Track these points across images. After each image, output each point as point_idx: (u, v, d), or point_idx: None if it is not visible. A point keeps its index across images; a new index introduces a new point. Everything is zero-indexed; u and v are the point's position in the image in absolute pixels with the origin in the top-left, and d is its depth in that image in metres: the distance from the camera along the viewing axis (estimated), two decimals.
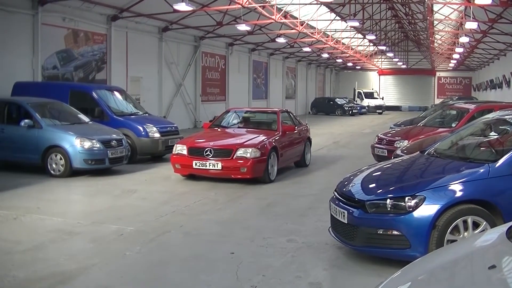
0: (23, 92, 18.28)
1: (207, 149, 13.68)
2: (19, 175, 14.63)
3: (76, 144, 14.55)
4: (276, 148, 14.45)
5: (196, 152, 13.81)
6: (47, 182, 13.84)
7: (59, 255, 7.77)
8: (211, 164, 13.50)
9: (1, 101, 16.41)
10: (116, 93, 19.84)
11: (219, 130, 15.94)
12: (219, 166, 13.45)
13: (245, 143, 13.90)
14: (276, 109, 17.02)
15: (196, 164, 13.64)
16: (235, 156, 13.46)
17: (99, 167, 14.99)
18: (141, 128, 17.52)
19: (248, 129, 15.77)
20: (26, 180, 13.89)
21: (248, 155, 13.46)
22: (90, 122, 16.44)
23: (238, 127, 16.15)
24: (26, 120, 14.92)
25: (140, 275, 7.12)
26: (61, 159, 14.55)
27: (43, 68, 22.27)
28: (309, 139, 17.66)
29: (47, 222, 9.75)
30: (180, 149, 14.13)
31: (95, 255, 7.83)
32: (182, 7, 23.39)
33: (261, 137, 14.50)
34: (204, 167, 13.62)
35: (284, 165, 15.46)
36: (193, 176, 14.26)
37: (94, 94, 18.29)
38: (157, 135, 17.58)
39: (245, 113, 17.43)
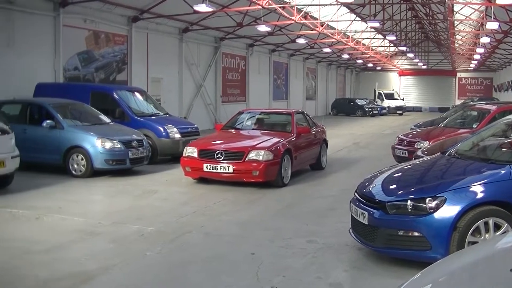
0: (45, 93, 18.44)
1: (218, 151, 13.27)
2: (41, 175, 14.74)
3: (97, 145, 14.63)
4: (290, 150, 14.02)
5: (207, 154, 13.40)
6: (68, 183, 13.94)
7: (80, 255, 7.82)
8: (222, 167, 13.08)
9: (24, 102, 16.57)
10: (136, 94, 19.94)
11: (231, 132, 15.57)
12: (231, 169, 13.02)
13: (257, 146, 13.46)
14: (291, 110, 16.46)
15: (206, 167, 13.24)
16: (247, 159, 13.04)
17: (120, 167, 15.07)
18: (161, 129, 17.58)
19: (262, 131, 15.39)
20: (47, 181, 13.99)
21: (261, 157, 13.01)
22: (111, 123, 16.53)
23: (252, 129, 15.71)
24: (48, 121, 15.04)
25: (161, 276, 7.14)
26: (82, 159, 14.64)
27: (65, 69, 22.41)
28: (325, 141, 17.21)
29: (69, 222, 9.81)
30: (191, 151, 13.71)
31: (116, 255, 7.87)
32: (202, 8, 23.46)
33: (274, 139, 14.10)
34: (215, 170, 13.18)
35: (298, 168, 15.10)
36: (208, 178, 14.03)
37: (115, 95, 18.39)
38: (177, 135, 17.61)
39: (258, 114, 16.85)
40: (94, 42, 24.28)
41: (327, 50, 47.17)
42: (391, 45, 53.50)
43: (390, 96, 63.68)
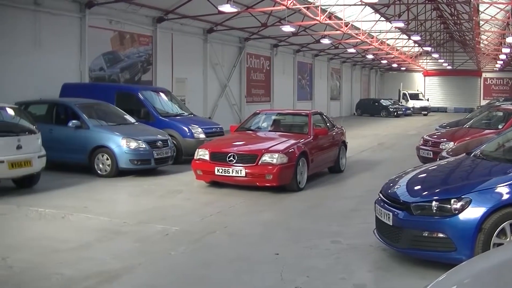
0: (70, 93, 18.60)
1: (230, 154, 12.73)
2: (67, 174, 14.87)
3: (122, 145, 14.71)
4: (306, 153, 13.43)
5: (219, 157, 12.87)
6: (93, 182, 14.03)
7: (105, 254, 7.88)
8: (235, 171, 12.54)
9: (50, 102, 16.73)
10: (161, 94, 20.03)
11: (246, 133, 15.08)
12: (243, 173, 12.49)
13: (271, 148, 12.87)
14: (308, 111, 15.87)
15: (218, 170, 12.70)
16: (260, 162, 12.47)
17: (145, 167, 15.14)
18: (186, 129, 17.63)
19: (277, 133, 14.75)
20: (73, 180, 14.10)
21: (274, 161, 12.43)
22: (136, 123, 16.62)
23: (267, 131, 15.15)
24: (73, 121, 15.15)
25: (185, 275, 7.17)
26: (107, 159, 14.73)
27: (90, 70, 22.59)
28: (344, 143, 16.59)
29: (94, 221, 9.88)
30: (202, 154, 13.19)
31: (140, 255, 7.91)
32: (226, 8, 23.54)
33: (290, 142, 13.49)
34: (227, 174, 12.66)
35: (315, 172, 14.46)
36: None
37: (140, 95, 18.49)
38: (202, 136, 17.62)
39: (274, 115, 16.30)
40: (119, 43, 24.45)
41: (352, 50, 47.03)
42: (416, 45, 53.19)
43: (415, 97, 63.31)
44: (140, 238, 8.83)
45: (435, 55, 57.77)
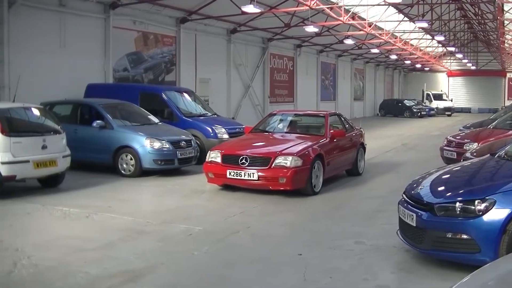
0: (95, 94, 18.73)
1: (242, 156, 12.31)
2: (91, 174, 14.98)
3: (146, 145, 14.78)
4: (322, 155, 12.95)
5: (231, 160, 12.47)
6: (117, 182, 14.12)
7: (129, 254, 7.93)
8: (247, 174, 12.09)
9: (75, 102, 16.90)
10: (185, 94, 20.09)
11: (260, 135, 14.62)
12: (255, 176, 12.02)
13: (284, 151, 12.43)
14: (325, 112, 15.43)
15: (230, 173, 12.28)
16: (273, 165, 12.02)
17: (168, 167, 15.20)
18: (209, 129, 17.66)
19: (292, 134, 14.34)
20: (97, 180, 14.20)
21: (288, 163, 11.97)
22: (160, 123, 16.68)
23: (282, 132, 14.70)
24: (98, 121, 15.26)
25: (207, 275, 7.20)
26: (131, 159, 14.81)
27: (114, 70, 22.73)
28: (362, 145, 16.10)
29: (118, 221, 9.95)
30: (214, 156, 12.77)
31: (164, 254, 7.96)
32: (250, 9, 23.55)
33: (305, 144, 13.04)
34: (239, 177, 12.21)
35: (331, 175, 13.99)
36: None
37: (164, 96, 18.56)
38: (225, 136, 17.62)
39: (290, 116, 15.84)
40: (143, 43, 24.57)
41: (375, 50, 46.91)
42: (440, 45, 52.91)
43: (438, 97, 62.89)
44: (164, 237, 8.88)
45: (459, 55, 57.40)
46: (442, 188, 7.68)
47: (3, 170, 11.48)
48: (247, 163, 12.19)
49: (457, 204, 7.00)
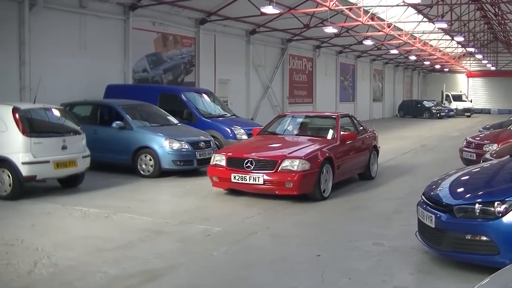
0: (114, 95, 18.83)
1: (247, 160, 11.88)
2: (110, 175, 15.06)
3: (165, 145, 14.83)
4: (331, 159, 12.46)
5: (236, 163, 12.03)
6: (137, 182, 14.18)
7: (148, 254, 7.97)
8: (252, 178, 11.66)
9: (94, 103, 17.00)
10: (204, 95, 20.15)
11: (267, 137, 14.15)
12: (261, 180, 11.59)
13: (291, 154, 11.99)
14: (335, 114, 14.79)
15: (235, 177, 11.84)
16: (279, 168, 11.56)
17: (187, 168, 15.24)
18: (228, 130, 17.69)
19: (301, 137, 13.87)
20: (117, 180, 14.28)
21: (295, 167, 11.52)
22: (179, 124, 16.73)
23: (291, 134, 14.27)
24: (117, 122, 15.34)
25: (226, 276, 7.22)
26: (150, 159, 14.87)
27: (134, 71, 22.82)
28: (375, 148, 15.60)
29: (137, 221, 10.00)
30: (219, 159, 12.36)
31: (183, 255, 7.99)
32: (269, 10, 23.57)
33: (314, 147, 12.66)
34: (243, 181, 11.79)
35: (342, 179, 13.48)
36: None
37: (183, 97, 18.63)
38: (244, 137, 17.59)
39: (299, 118, 15.31)
40: (162, 44, 24.65)
41: (394, 51, 46.80)
42: (459, 46, 52.63)
43: (458, 98, 62.55)
44: (182, 238, 8.91)
45: (479, 56, 57.01)
46: (461, 189, 7.64)
47: (24, 170, 11.58)
48: (252, 167, 11.78)
49: (477, 205, 6.96)
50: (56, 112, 13.18)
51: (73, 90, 19.31)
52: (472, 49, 50.92)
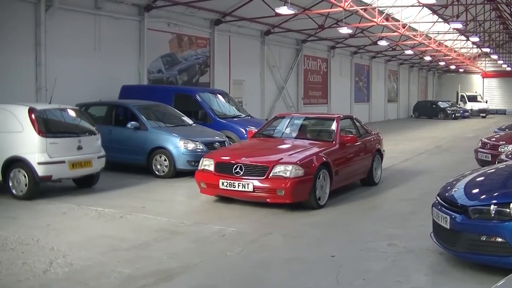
0: (129, 95, 18.90)
1: (237, 165, 11.13)
2: (125, 175, 15.11)
3: (180, 146, 14.86)
4: (328, 164, 11.63)
5: (224, 168, 11.28)
6: (151, 183, 14.22)
7: (162, 254, 7.99)
8: (241, 185, 10.89)
9: (109, 104, 17.04)
10: (219, 96, 20.18)
11: (262, 140, 13.49)
12: (250, 187, 10.81)
13: (284, 159, 11.19)
14: (335, 115, 13.86)
15: (223, 183, 11.08)
16: (271, 174, 10.78)
17: None
18: (243, 131, 17.67)
19: (298, 140, 13.02)
20: (132, 180, 14.33)
21: (288, 173, 10.74)
22: (194, 124, 16.77)
23: (287, 137, 13.45)
24: (132, 122, 15.39)
25: (241, 276, 7.23)
26: (165, 160, 14.90)
27: (149, 72, 22.91)
28: (379, 152, 14.71)
29: (152, 221, 10.03)
30: (207, 164, 11.64)
31: (197, 255, 8.00)
32: (283, 10, 23.58)
33: (309, 151, 11.80)
34: (232, 188, 11.02)
35: (341, 185, 12.60)
36: None
37: (198, 97, 18.67)
38: None
39: (297, 120, 14.46)
40: (177, 45, 24.72)
41: (409, 52, 46.64)
42: (474, 46, 52.38)
43: (473, 99, 62.29)
44: (197, 238, 8.93)
45: (494, 56, 56.67)
46: (476, 190, 7.61)
47: (40, 170, 11.65)
48: (242, 172, 11.01)
49: (492, 206, 6.93)
50: (72, 113, 13.25)
51: (88, 90, 19.43)
52: (487, 50, 50.69)
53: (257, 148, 12.66)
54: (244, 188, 10.90)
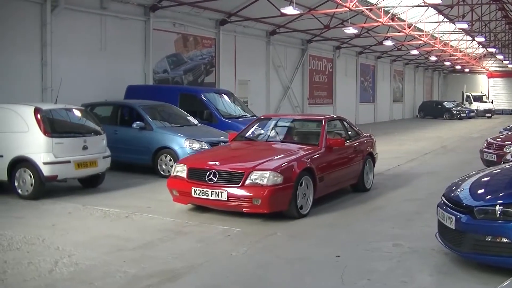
0: (135, 95, 18.94)
1: (210, 171, 10.23)
2: (131, 175, 15.14)
3: (185, 146, 14.85)
4: (312, 170, 10.73)
5: (197, 175, 10.39)
6: (157, 182, 14.20)
7: (168, 254, 8.00)
8: (214, 193, 9.99)
9: (115, 104, 17.07)
10: (224, 96, 20.18)
11: (243, 143, 12.57)
12: (224, 196, 9.91)
13: (261, 165, 10.25)
14: (322, 117, 12.86)
15: (195, 191, 10.19)
16: (246, 182, 9.89)
17: None
18: None
19: (282, 144, 12.16)
20: (137, 180, 14.35)
21: (265, 181, 9.82)
22: (199, 124, 16.78)
23: (270, 140, 12.58)
24: (138, 122, 15.41)
25: (246, 276, 7.23)
26: (170, 160, 14.89)
27: (154, 72, 22.93)
28: (371, 155, 13.73)
29: (157, 221, 10.04)
30: (180, 170, 10.76)
31: (202, 255, 8.01)
32: (289, 10, 23.58)
33: (291, 156, 10.85)
34: (205, 196, 10.10)
35: (327, 192, 11.74)
36: None
37: (203, 97, 18.68)
38: None
39: (281, 121, 13.62)
40: (182, 45, 24.75)
41: (415, 52, 46.61)
42: (480, 46, 52.30)
43: (478, 99, 62.21)
44: (202, 238, 8.93)
45: (500, 57, 56.61)
46: (482, 191, 7.59)
47: (45, 170, 11.69)
48: (215, 179, 10.12)
49: (497, 207, 6.92)
50: (77, 113, 13.28)
51: (94, 90, 19.47)
52: (493, 50, 50.62)
53: (235, 153, 11.80)
54: (218, 196, 9.99)
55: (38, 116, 11.81)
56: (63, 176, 12.21)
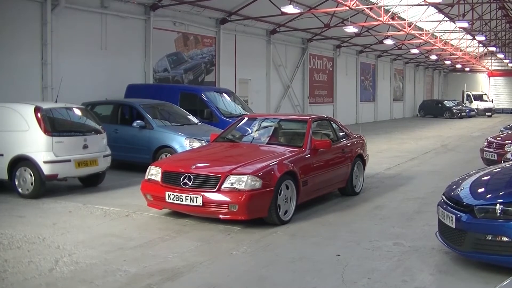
0: (135, 94, 18.93)
1: (184, 175, 9.66)
2: (132, 174, 15.13)
3: (185, 145, 14.83)
4: (294, 173, 10.12)
5: (172, 178, 9.83)
6: None
7: (168, 252, 8.00)
8: (188, 198, 9.40)
9: (115, 103, 17.08)
10: (224, 95, 20.17)
11: (222, 145, 11.84)
12: (199, 201, 9.31)
13: (238, 168, 9.62)
14: (307, 117, 12.25)
15: (169, 196, 9.62)
16: (223, 186, 9.31)
17: None
18: None
19: (264, 145, 11.56)
20: (137, 179, 14.23)
21: (242, 185, 9.24)
22: (200, 123, 16.77)
23: (253, 142, 11.98)
24: (138, 121, 15.41)
25: (246, 275, 7.22)
26: None
27: (155, 71, 22.93)
28: (361, 157, 13.10)
29: (157, 220, 10.04)
30: (154, 173, 10.19)
31: (203, 254, 8.02)
32: (289, 9, 23.57)
33: (272, 158, 10.21)
34: (179, 202, 9.53)
35: (312, 197, 11.16)
36: None
37: (204, 96, 18.66)
38: None
39: (265, 122, 12.90)
40: (183, 44, 24.74)
41: (415, 51, 46.62)
42: (481, 45, 52.30)
43: (479, 98, 62.20)
44: (203, 237, 8.93)
45: (500, 55, 56.59)
46: (482, 189, 7.60)
47: (46, 169, 11.69)
48: (190, 184, 9.56)
49: (498, 206, 6.92)
50: (78, 112, 13.28)
51: (94, 89, 19.49)
52: (493, 49, 50.64)
53: (213, 155, 11.13)
54: (192, 202, 9.40)
55: (39, 115, 11.82)
56: (63, 175, 12.21)
